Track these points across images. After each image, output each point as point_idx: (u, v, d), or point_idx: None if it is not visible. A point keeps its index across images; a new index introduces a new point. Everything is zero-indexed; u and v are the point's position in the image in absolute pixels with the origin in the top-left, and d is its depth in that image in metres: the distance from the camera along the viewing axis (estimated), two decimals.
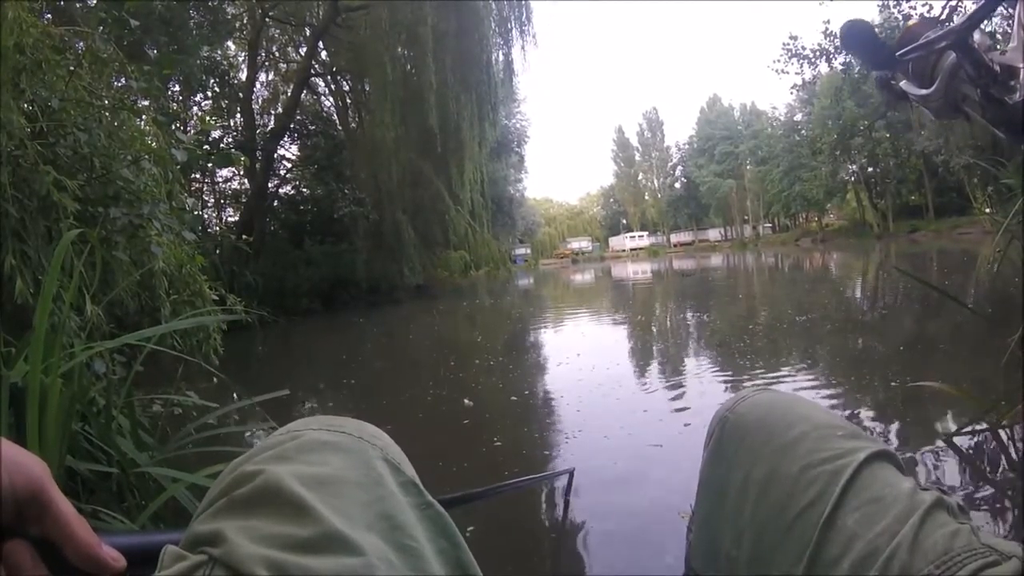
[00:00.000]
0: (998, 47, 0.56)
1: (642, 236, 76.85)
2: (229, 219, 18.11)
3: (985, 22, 0.54)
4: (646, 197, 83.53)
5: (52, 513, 0.42)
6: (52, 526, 0.42)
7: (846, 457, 0.54)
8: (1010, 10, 0.55)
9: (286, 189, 18.82)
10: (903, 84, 0.65)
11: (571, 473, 2.46)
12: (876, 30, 0.65)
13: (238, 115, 16.86)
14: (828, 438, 0.58)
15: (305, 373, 6.40)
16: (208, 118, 14.37)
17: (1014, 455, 2.56)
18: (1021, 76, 0.52)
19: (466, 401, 4.18)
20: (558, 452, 3.01)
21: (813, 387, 3.79)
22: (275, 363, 7.87)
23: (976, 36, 0.55)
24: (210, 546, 0.41)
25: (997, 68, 0.54)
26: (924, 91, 0.61)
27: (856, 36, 0.65)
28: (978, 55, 0.54)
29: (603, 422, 3.42)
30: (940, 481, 2.31)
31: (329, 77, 18.16)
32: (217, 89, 16.34)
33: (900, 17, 15.64)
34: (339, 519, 0.43)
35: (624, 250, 73.18)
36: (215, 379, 2.92)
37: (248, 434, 3.30)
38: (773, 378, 4.09)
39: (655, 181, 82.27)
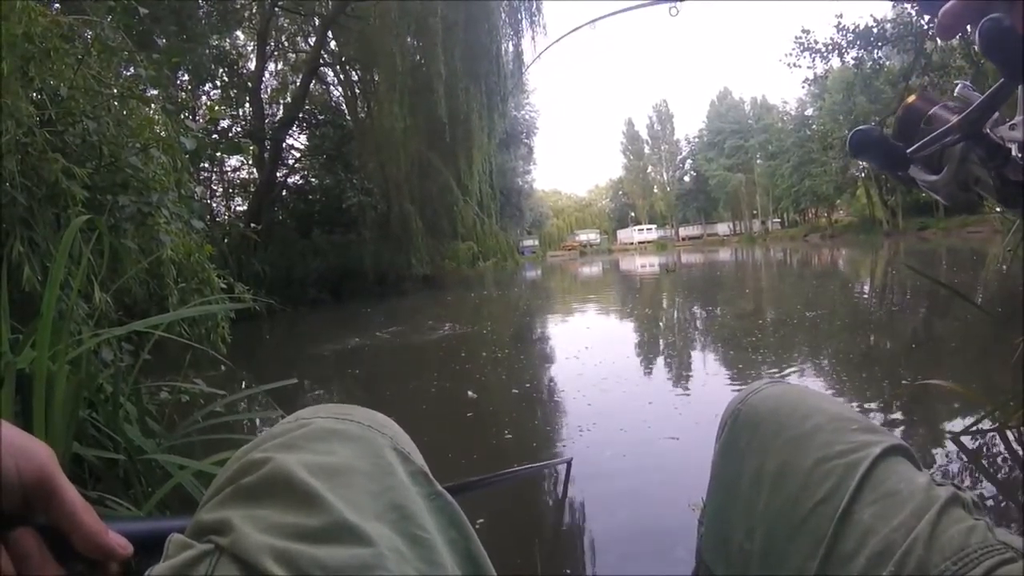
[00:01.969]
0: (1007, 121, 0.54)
1: (650, 229, 76.73)
2: (237, 208, 18.11)
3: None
4: (655, 190, 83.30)
5: (58, 500, 0.42)
6: (58, 513, 0.42)
7: (861, 451, 0.54)
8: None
9: (294, 179, 18.83)
10: (911, 170, 0.63)
11: (569, 463, 2.47)
12: (884, 134, 0.63)
13: (247, 104, 16.85)
14: (843, 431, 0.57)
15: (311, 362, 6.41)
16: (217, 107, 14.39)
17: (1021, 454, 2.55)
18: None
19: (470, 393, 4.18)
20: (572, 446, 3.01)
21: (821, 383, 3.79)
22: (282, 352, 7.90)
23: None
24: (217, 535, 0.41)
25: (1010, 147, 0.52)
26: (933, 177, 0.60)
27: (865, 144, 0.63)
28: (990, 140, 0.53)
29: (616, 415, 3.43)
30: (946, 478, 2.30)
31: (338, 67, 18.10)
32: (226, 78, 16.33)
33: (913, 13, 15.50)
34: (348, 509, 0.42)
35: (632, 243, 73.09)
36: (223, 367, 2.94)
37: (257, 422, 3.31)
38: (781, 375, 4.09)
39: (664, 174, 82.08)
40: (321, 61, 17.24)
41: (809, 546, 0.50)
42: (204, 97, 15.84)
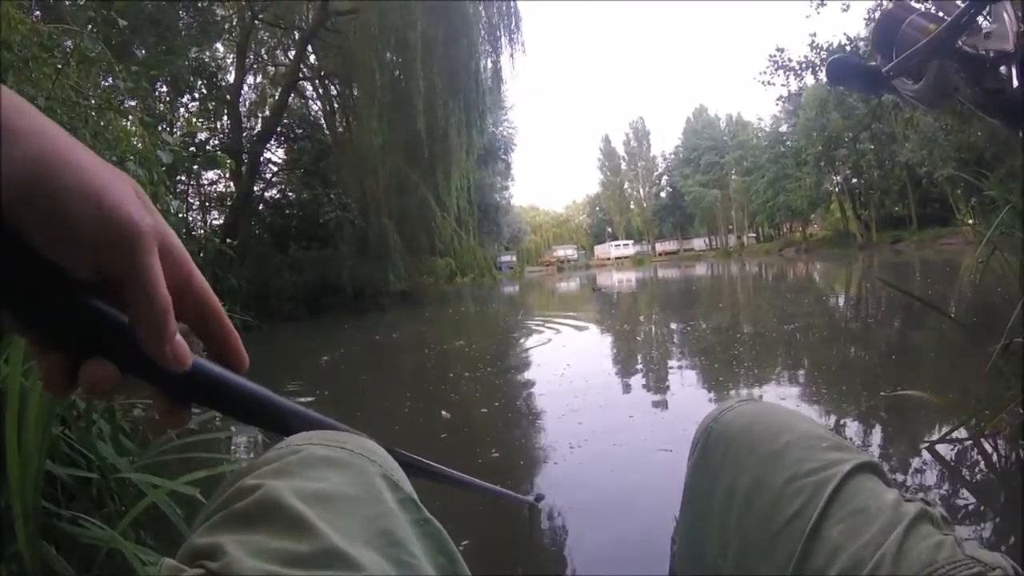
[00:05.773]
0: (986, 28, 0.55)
1: (627, 244, 77.37)
2: (214, 222, 17.96)
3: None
4: (632, 206, 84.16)
5: (136, 269, 0.36)
6: (131, 286, 0.36)
7: (831, 468, 0.54)
8: None
9: (271, 193, 18.78)
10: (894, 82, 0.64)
11: (535, 504, 2.39)
12: (859, 57, 0.64)
13: (225, 117, 16.82)
14: (813, 449, 0.57)
15: (283, 380, 6.33)
16: (195, 120, 14.29)
17: (996, 463, 2.59)
18: (1013, 64, 0.52)
19: (443, 413, 4.12)
20: (564, 462, 2.99)
21: (799, 394, 3.82)
22: (256, 369, 7.79)
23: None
24: (208, 559, 0.40)
25: (984, 53, 0.54)
26: (915, 86, 0.61)
27: (843, 72, 0.64)
28: (965, 53, 0.54)
29: (606, 430, 3.43)
30: (922, 488, 2.34)
31: (317, 81, 18.13)
32: (204, 91, 16.29)
33: None
34: (338, 535, 0.42)
35: (609, 258, 73.50)
36: None
37: (231, 440, 3.26)
38: (761, 388, 4.12)
39: (641, 190, 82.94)
40: (300, 75, 17.24)
41: (779, 562, 0.51)
42: (182, 109, 15.77)
